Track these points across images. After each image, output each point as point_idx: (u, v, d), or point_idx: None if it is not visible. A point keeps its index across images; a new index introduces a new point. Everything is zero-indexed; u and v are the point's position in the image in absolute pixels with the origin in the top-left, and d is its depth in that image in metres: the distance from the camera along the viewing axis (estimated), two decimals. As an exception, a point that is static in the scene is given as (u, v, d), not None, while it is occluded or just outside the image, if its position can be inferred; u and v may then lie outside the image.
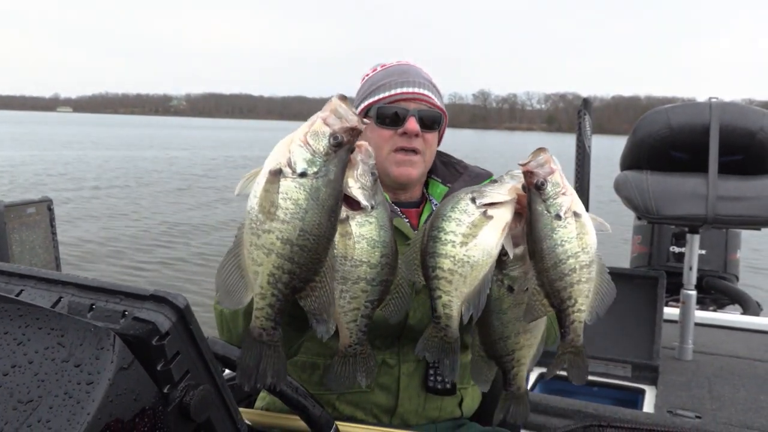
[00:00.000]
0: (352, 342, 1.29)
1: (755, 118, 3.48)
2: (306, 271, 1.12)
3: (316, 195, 1.10)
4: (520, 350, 1.40)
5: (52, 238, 2.34)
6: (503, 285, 1.37)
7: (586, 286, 1.27)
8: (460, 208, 1.30)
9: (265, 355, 1.15)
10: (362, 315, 1.27)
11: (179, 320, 0.91)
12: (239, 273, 1.13)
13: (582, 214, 1.27)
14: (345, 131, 1.12)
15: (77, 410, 0.76)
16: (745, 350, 3.88)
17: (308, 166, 1.10)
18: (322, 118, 1.13)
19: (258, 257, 1.11)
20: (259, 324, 1.14)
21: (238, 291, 1.14)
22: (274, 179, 1.10)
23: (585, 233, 1.26)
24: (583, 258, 1.25)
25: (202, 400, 0.93)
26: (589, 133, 4.46)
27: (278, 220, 1.09)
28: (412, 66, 1.83)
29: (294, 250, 1.09)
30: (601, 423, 2.57)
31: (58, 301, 0.95)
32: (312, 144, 1.11)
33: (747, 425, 2.79)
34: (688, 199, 3.40)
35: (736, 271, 5.69)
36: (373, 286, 1.25)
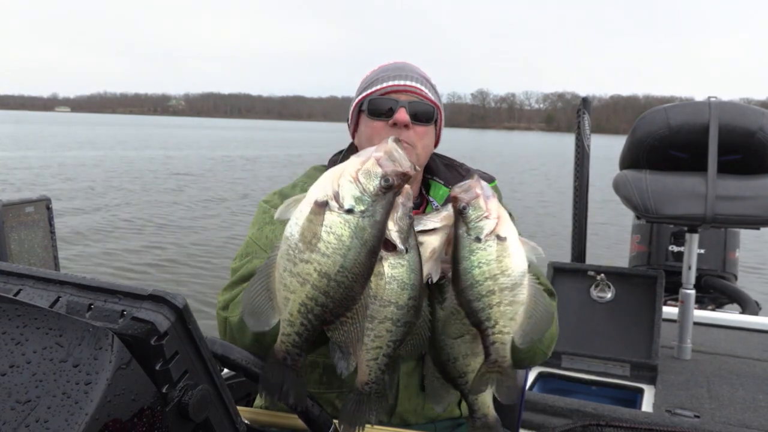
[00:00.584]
0: (369, 380, 1.30)
1: (754, 118, 3.48)
2: (339, 306, 1.12)
3: (360, 234, 1.10)
4: (471, 373, 1.42)
5: (50, 238, 2.34)
6: (445, 308, 1.40)
7: (509, 309, 1.29)
8: None
9: (287, 378, 1.17)
10: (384, 354, 1.28)
11: (178, 320, 0.91)
12: (268, 295, 1.14)
13: (507, 238, 1.29)
14: (397, 175, 1.12)
15: (75, 410, 0.76)
16: (744, 350, 3.88)
17: (356, 204, 1.10)
18: (376, 159, 1.12)
19: (291, 284, 1.11)
20: (284, 348, 1.15)
21: (265, 313, 1.14)
22: (320, 211, 1.10)
23: (506, 256, 1.28)
24: (503, 280, 1.27)
25: (200, 400, 0.92)
26: (588, 132, 4.46)
27: (319, 252, 1.09)
28: (407, 63, 1.84)
29: (331, 285, 1.10)
30: (599, 422, 2.58)
31: (56, 301, 0.95)
32: (363, 182, 1.11)
33: (745, 424, 2.80)
34: (687, 198, 3.40)
35: (735, 271, 5.69)
36: (398, 326, 1.26)
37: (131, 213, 15.45)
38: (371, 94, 1.76)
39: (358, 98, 1.80)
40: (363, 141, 1.82)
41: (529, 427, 2.78)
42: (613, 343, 3.49)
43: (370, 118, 1.75)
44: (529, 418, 2.83)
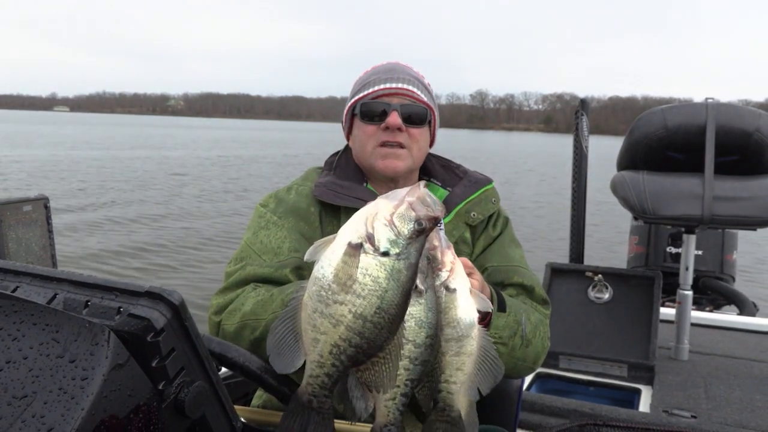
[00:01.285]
0: (388, 422, 1.28)
1: (751, 119, 3.49)
2: (373, 347, 1.13)
3: (397, 276, 1.11)
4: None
5: (48, 237, 2.33)
6: None
7: (455, 359, 1.29)
8: None
9: (312, 422, 1.16)
10: (401, 393, 1.28)
11: (174, 317, 0.91)
12: (294, 336, 1.14)
13: (457, 290, 1.30)
14: (429, 219, 1.13)
15: (71, 405, 0.76)
16: (741, 350, 3.89)
17: (391, 247, 1.11)
18: (410, 203, 1.14)
19: (322, 325, 1.11)
20: (311, 391, 1.15)
21: (292, 354, 1.15)
22: (355, 252, 1.11)
23: (453, 308, 1.29)
24: (449, 332, 1.28)
25: (197, 397, 0.93)
26: (586, 133, 4.47)
27: (354, 293, 1.10)
28: (399, 64, 1.84)
29: (366, 326, 1.10)
30: (597, 422, 2.59)
31: (53, 298, 0.95)
32: (397, 226, 1.12)
33: (742, 425, 2.80)
34: (684, 199, 3.40)
35: (733, 272, 5.70)
36: (415, 365, 1.27)
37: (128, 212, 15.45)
38: (363, 98, 1.76)
39: (351, 102, 1.81)
40: (356, 145, 1.82)
41: (527, 427, 2.78)
42: (610, 344, 3.50)
43: (363, 122, 1.76)
44: (527, 418, 2.83)
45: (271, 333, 1.15)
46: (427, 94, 1.80)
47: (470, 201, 1.84)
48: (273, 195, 1.85)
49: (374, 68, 1.84)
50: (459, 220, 1.82)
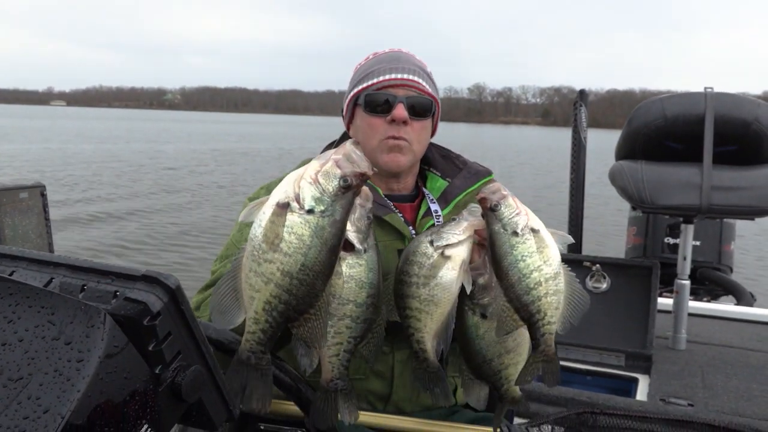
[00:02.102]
0: (333, 377, 1.34)
1: (750, 109, 3.48)
2: (302, 304, 1.15)
3: (320, 233, 1.13)
4: (505, 369, 1.48)
5: (45, 224, 2.32)
6: (475, 313, 1.45)
7: (554, 299, 1.31)
8: (420, 252, 1.40)
9: (251, 379, 1.19)
10: (345, 350, 1.33)
11: (171, 300, 0.91)
12: (234, 295, 1.17)
13: (540, 229, 1.32)
14: (355, 176, 1.15)
15: (67, 387, 0.76)
16: (738, 340, 3.90)
17: (316, 204, 1.13)
18: (335, 160, 1.16)
19: (256, 284, 1.14)
20: (249, 347, 1.18)
21: (232, 312, 1.18)
22: (281, 212, 1.13)
23: (545, 246, 1.31)
24: (547, 271, 1.30)
25: (193, 381, 0.92)
26: (584, 124, 4.46)
27: (281, 252, 1.12)
28: (403, 53, 1.81)
29: (293, 283, 1.13)
30: (594, 410, 2.59)
31: (49, 282, 0.95)
32: (322, 183, 1.14)
33: (739, 413, 2.81)
34: (683, 188, 3.40)
35: (731, 263, 5.71)
36: (357, 323, 1.32)
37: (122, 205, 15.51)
38: (367, 88, 1.73)
39: (354, 91, 1.78)
40: (359, 136, 1.80)
41: (524, 415, 2.79)
42: (608, 334, 3.50)
43: (367, 114, 1.73)
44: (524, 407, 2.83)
45: (214, 292, 1.18)
46: (431, 85, 1.78)
47: (470, 192, 1.84)
48: (264, 188, 1.84)
49: (377, 56, 1.81)
50: (457, 212, 1.82)
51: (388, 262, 1.70)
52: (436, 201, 1.83)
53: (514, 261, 1.29)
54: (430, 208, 1.81)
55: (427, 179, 1.91)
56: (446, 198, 1.83)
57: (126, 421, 0.81)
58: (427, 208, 1.81)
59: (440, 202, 1.83)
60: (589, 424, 2.57)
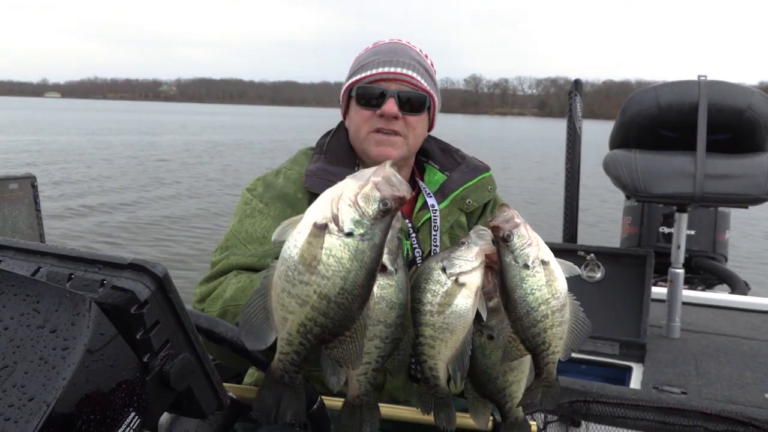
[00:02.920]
0: (360, 393, 1.34)
1: (743, 96, 3.48)
2: (338, 327, 1.13)
3: (360, 257, 1.11)
4: (509, 387, 1.48)
5: (36, 215, 2.30)
6: (483, 335, 1.45)
7: (559, 329, 1.32)
8: (434, 280, 1.38)
9: (285, 396, 1.18)
10: (372, 369, 1.33)
11: (158, 289, 0.91)
12: (264, 314, 1.15)
13: (550, 261, 1.32)
14: (395, 199, 1.12)
15: (52, 375, 0.76)
16: (732, 328, 3.91)
17: (356, 227, 1.11)
18: (374, 183, 1.13)
19: (290, 305, 1.12)
20: (282, 367, 1.17)
21: (262, 332, 1.15)
22: (319, 233, 1.10)
23: (554, 279, 1.31)
24: (554, 303, 1.30)
25: (182, 369, 0.92)
26: (579, 114, 4.46)
27: (318, 274, 1.09)
28: (401, 45, 1.79)
29: (330, 306, 1.11)
30: (587, 399, 2.60)
31: (36, 271, 0.94)
32: (362, 206, 1.11)
33: (732, 400, 2.82)
34: (676, 177, 3.40)
35: (725, 252, 5.72)
36: (386, 343, 1.31)
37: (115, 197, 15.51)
38: (360, 81, 1.72)
39: (349, 82, 1.77)
40: (352, 127, 1.79)
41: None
42: (602, 323, 3.50)
43: (359, 106, 1.72)
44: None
45: (243, 311, 1.16)
46: (427, 79, 1.76)
47: (467, 188, 1.83)
48: (261, 179, 1.83)
49: (376, 47, 1.79)
50: (454, 206, 1.81)
51: None
52: (432, 195, 1.82)
53: (523, 294, 1.29)
54: (426, 201, 1.80)
55: (425, 172, 1.90)
56: (444, 192, 1.83)
57: (112, 408, 0.81)
58: (424, 202, 1.80)
59: (438, 195, 1.82)
60: (582, 412, 2.59)
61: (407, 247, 1.72)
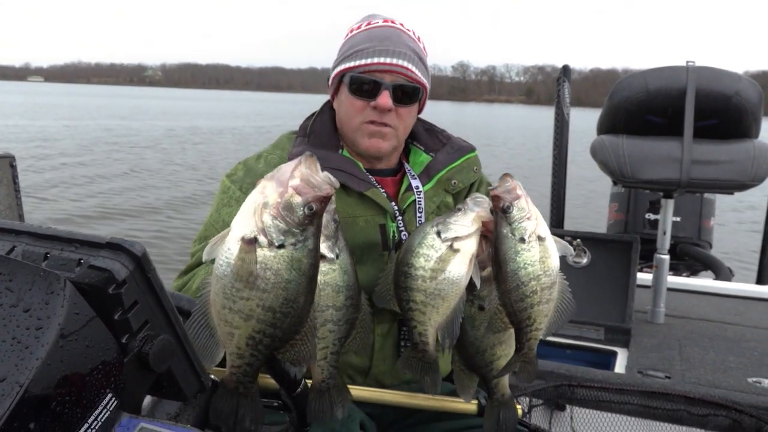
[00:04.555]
0: (324, 377, 1.34)
1: (730, 83, 3.48)
2: (288, 333, 1.13)
3: (298, 265, 1.09)
4: (497, 360, 1.47)
5: (15, 196, 2.25)
6: (474, 305, 1.44)
7: (545, 307, 1.32)
8: (428, 244, 1.36)
9: (242, 405, 1.18)
10: (331, 352, 1.32)
11: (136, 268, 0.88)
12: (209, 332, 1.13)
13: (546, 238, 1.31)
14: (319, 200, 1.10)
15: (26, 355, 0.73)
16: (716, 314, 3.94)
17: (286, 238, 1.08)
18: (294, 188, 1.09)
19: (234, 321, 1.10)
20: (236, 379, 1.16)
21: (210, 349, 1.13)
22: (250, 249, 1.08)
23: (548, 257, 1.31)
24: (545, 280, 1.30)
25: (161, 350, 0.90)
26: (567, 101, 4.46)
27: (258, 289, 1.08)
28: (396, 30, 1.73)
29: (277, 317, 1.10)
30: (571, 383, 2.61)
31: (11, 250, 0.92)
32: (286, 215, 1.08)
33: (715, 384, 2.84)
34: (663, 163, 3.41)
35: (710, 238, 5.77)
36: (339, 326, 1.31)
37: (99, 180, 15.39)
38: (354, 69, 1.68)
39: (340, 68, 1.73)
40: (342, 114, 1.75)
41: None
42: (587, 308, 3.52)
43: (352, 95, 1.69)
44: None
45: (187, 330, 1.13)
46: (421, 68, 1.72)
47: (452, 168, 1.82)
48: (243, 162, 1.79)
49: (369, 29, 1.74)
50: (440, 187, 1.80)
51: (370, 238, 1.68)
52: (417, 177, 1.81)
53: (515, 268, 1.28)
54: (411, 183, 1.79)
55: (411, 153, 1.88)
56: (429, 173, 1.81)
57: (88, 389, 0.79)
58: (409, 184, 1.79)
59: (423, 177, 1.81)
60: (567, 396, 2.60)
61: (393, 230, 1.71)
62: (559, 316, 1.35)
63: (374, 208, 1.70)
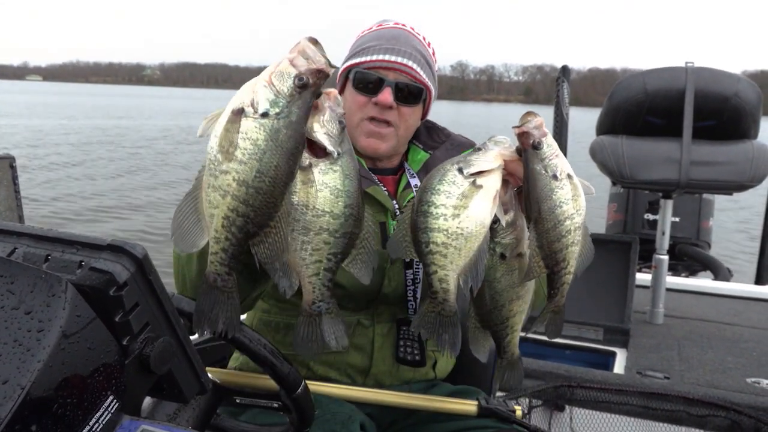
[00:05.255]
0: (315, 298, 1.24)
1: (729, 84, 3.49)
2: (260, 215, 1.09)
3: (275, 136, 1.07)
4: (513, 317, 1.41)
5: (15, 197, 2.25)
6: (495, 253, 1.35)
7: (576, 249, 1.28)
8: (449, 180, 1.27)
9: (218, 302, 1.13)
10: (325, 268, 1.22)
11: (138, 270, 0.88)
12: (196, 216, 1.11)
13: (574, 176, 1.28)
14: (311, 73, 1.08)
15: (27, 358, 0.73)
16: (715, 314, 3.95)
17: (270, 107, 1.07)
18: (289, 59, 1.09)
19: (214, 199, 1.08)
20: (214, 269, 1.12)
21: (193, 234, 1.12)
22: (236, 119, 1.07)
23: (578, 195, 1.27)
24: (578, 220, 1.26)
25: (162, 352, 0.90)
26: (566, 100, 4.46)
27: (236, 160, 1.06)
28: (405, 32, 1.75)
29: (249, 192, 1.07)
30: (571, 383, 2.62)
31: (12, 252, 0.92)
32: (276, 84, 1.07)
33: (713, 385, 2.85)
34: (662, 163, 3.41)
35: (709, 239, 5.78)
36: (336, 237, 1.21)
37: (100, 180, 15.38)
38: (359, 65, 1.69)
39: (347, 65, 1.74)
40: (346, 111, 1.76)
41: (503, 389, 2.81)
42: (586, 308, 3.52)
43: (355, 91, 1.70)
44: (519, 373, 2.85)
45: (175, 216, 1.12)
46: (427, 71, 1.73)
47: None
48: None
49: (379, 29, 1.76)
50: None
51: None
52: (416, 175, 1.81)
53: (552, 206, 1.23)
54: (409, 182, 1.79)
55: (410, 151, 1.89)
56: (427, 170, 1.82)
57: (90, 392, 0.79)
58: (407, 182, 1.79)
59: (421, 174, 1.81)
60: (566, 397, 2.61)
61: (393, 227, 1.71)
62: (582, 260, 1.31)
63: (375, 206, 1.70)
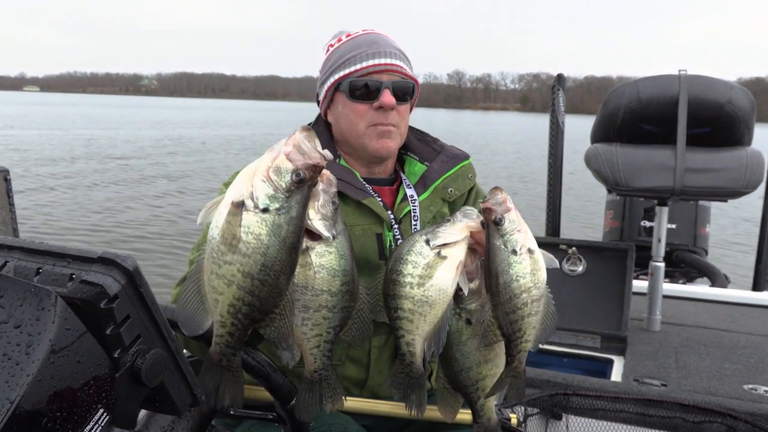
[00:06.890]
0: (317, 367, 1.32)
1: (723, 91, 3.51)
2: (265, 304, 1.13)
3: (278, 231, 1.09)
4: (483, 380, 1.46)
5: (9, 210, 2.24)
6: (461, 318, 1.43)
7: (534, 319, 1.33)
8: (416, 251, 1.36)
9: (224, 379, 1.18)
10: (325, 341, 1.30)
11: (129, 283, 0.88)
12: (200, 299, 1.14)
13: (535, 251, 1.33)
14: (308, 168, 1.10)
15: (16, 372, 0.73)
16: (712, 321, 3.95)
17: (270, 202, 1.09)
18: (285, 154, 1.11)
19: (219, 286, 1.11)
20: (219, 350, 1.16)
21: (198, 317, 1.15)
22: (237, 211, 1.09)
23: (538, 269, 1.33)
24: (535, 293, 1.31)
25: (153, 365, 0.90)
26: (562, 108, 4.48)
27: (240, 253, 1.09)
28: (379, 35, 1.77)
29: (255, 284, 1.10)
30: (567, 392, 2.61)
31: (3, 266, 0.91)
32: (274, 180, 1.10)
33: (711, 392, 2.84)
34: (657, 171, 3.42)
35: (706, 245, 5.78)
36: (334, 312, 1.28)
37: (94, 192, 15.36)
38: (350, 75, 1.70)
39: (335, 77, 1.73)
40: (343, 124, 1.75)
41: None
42: (584, 316, 3.52)
43: (352, 101, 1.70)
44: None
45: (179, 298, 1.15)
46: (409, 65, 1.77)
47: (447, 177, 1.82)
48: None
49: (353, 39, 1.76)
50: (436, 196, 1.80)
51: (366, 247, 1.68)
52: (413, 186, 1.81)
53: (509, 280, 1.29)
54: (406, 193, 1.79)
55: (405, 163, 1.89)
56: (425, 182, 1.82)
57: (80, 405, 0.78)
58: (405, 194, 1.79)
59: (419, 186, 1.81)
60: (563, 405, 2.60)
61: (390, 239, 1.71)
62: (545, 329, 1.36)
63: (371, 217, 1.70)
